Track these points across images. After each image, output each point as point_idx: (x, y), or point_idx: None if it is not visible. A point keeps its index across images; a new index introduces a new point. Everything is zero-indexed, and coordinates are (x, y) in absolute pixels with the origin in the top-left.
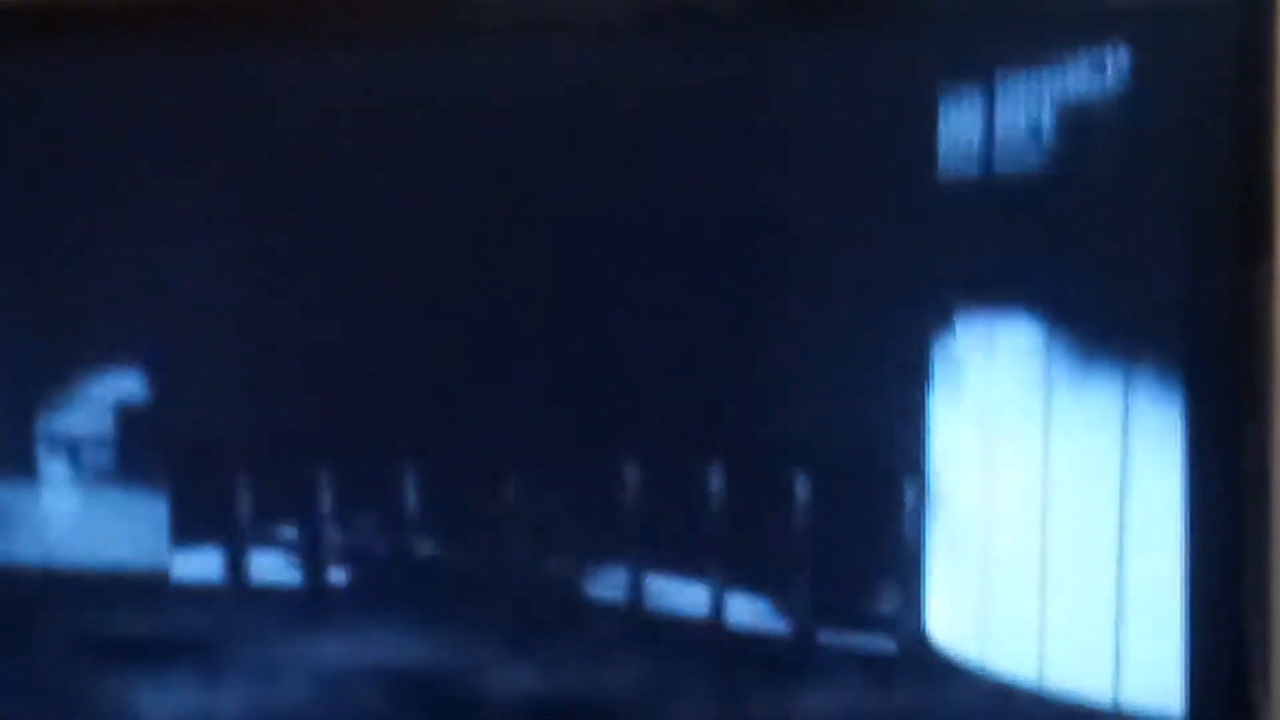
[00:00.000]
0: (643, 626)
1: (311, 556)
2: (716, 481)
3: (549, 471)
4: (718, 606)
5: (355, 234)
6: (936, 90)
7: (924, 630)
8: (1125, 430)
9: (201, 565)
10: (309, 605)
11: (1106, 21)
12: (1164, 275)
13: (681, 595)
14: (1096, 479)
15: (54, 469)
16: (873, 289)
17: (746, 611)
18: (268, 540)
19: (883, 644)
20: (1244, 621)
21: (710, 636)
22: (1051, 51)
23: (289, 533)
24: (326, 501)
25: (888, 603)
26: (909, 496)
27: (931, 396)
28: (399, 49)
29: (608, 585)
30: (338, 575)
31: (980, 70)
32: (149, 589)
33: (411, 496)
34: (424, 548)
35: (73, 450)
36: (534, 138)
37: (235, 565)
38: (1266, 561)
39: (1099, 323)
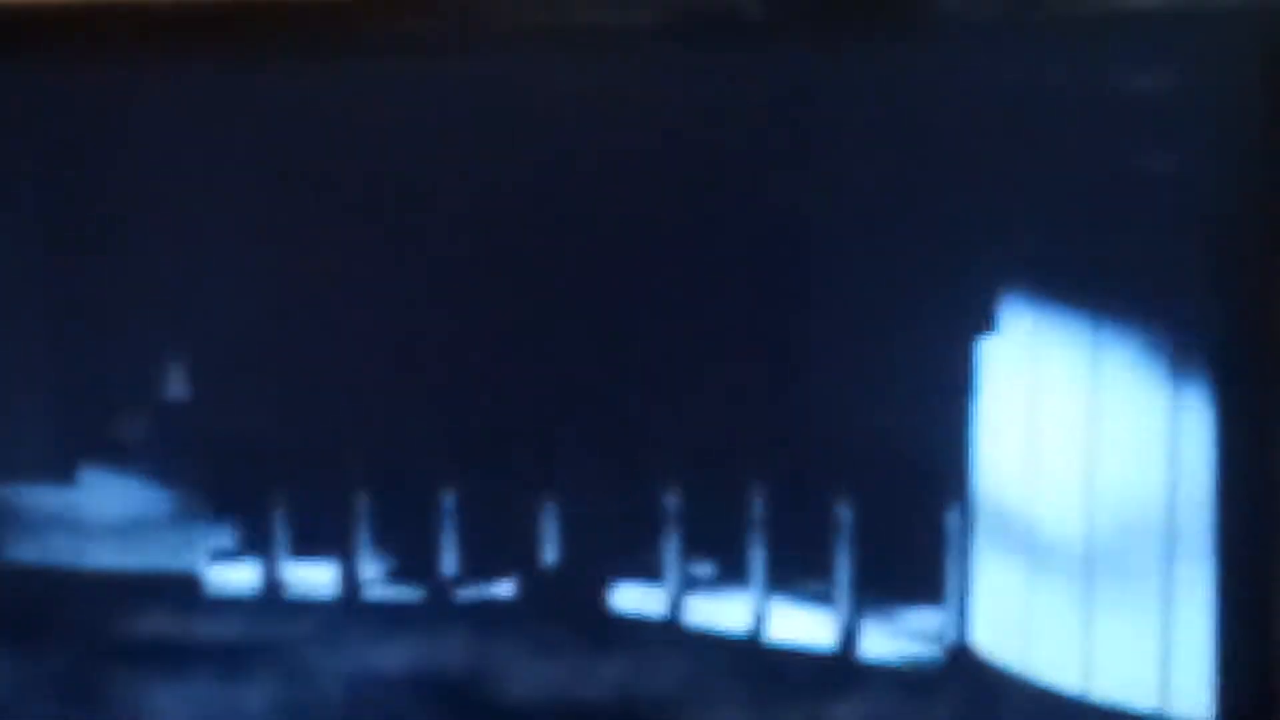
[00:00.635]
0: (681, 638)
1: (345, 565)
2: (755, 488)
3: (586, 482)
4: (758, 616)
5: (390, 246)
6: (967, 91)
7: (959, 634)
8: (1153, 428)
9: (235, 572)
10: (342, 614)
11: (1139, 20)
12: (1197, 271)
13: (720, 605)
14: (1124, 478)
15: (90, 472)
16: (911, 293)
17: (787, 621)
18: (300, 549)
19: (924, 651)
20: (1272, 620)
21: (750, 647)
22: (1083, 50)
23: (322, 542)
24: (362, 512)
25: (929, 610)
26: (952, 502)
27: (975, 402)
28: (425, 54)
29: (645, 596)
30: (372, 586)
31: (1010, 70)
32: (182, 594)
33: (447, 509)
34: (458, 559)
35: (108, 454)
36: (557, 146)
37: (269, 573)
38: None
39: (1135, 323)
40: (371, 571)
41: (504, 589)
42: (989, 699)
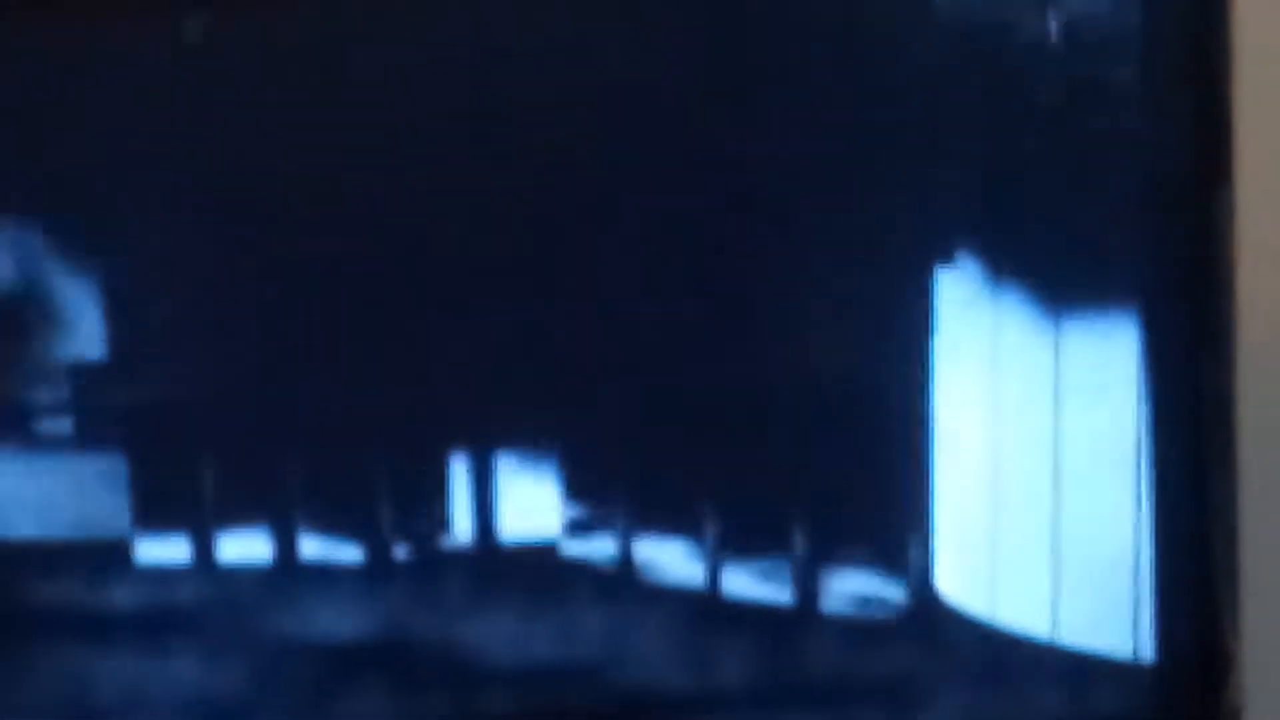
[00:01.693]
0: (630, 590)
1: (280, 530)
2: (705, 430)
3: (525, 437)
4: (711, 566)
5: (325, 198)
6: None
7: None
8: (1085, 368)
9: (164, 540)
10: (275, 580)
11: None
12: (1124, 205)
13: (669, 556)
14: (1046, 417)
15: (7, 436)
16: (868, 226)
17: (738, 570)
18: (234, 514)
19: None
20: (1215, 567)
21: (703, 597)
22: None
23: (257, 506)
24: (296, 474)
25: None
26: (912, 443)
27: (933, 337)
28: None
29: (588, 547)
30: (310, 549)
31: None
32: (108, 563)
33: (381, 470)
34: (396, 521)
35: (27, 417)
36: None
37: (200, 540)
38: (1233, 502)
39: (1062, 259)
40: (307, 533)
41: (449, 546)
42: (954, 645)
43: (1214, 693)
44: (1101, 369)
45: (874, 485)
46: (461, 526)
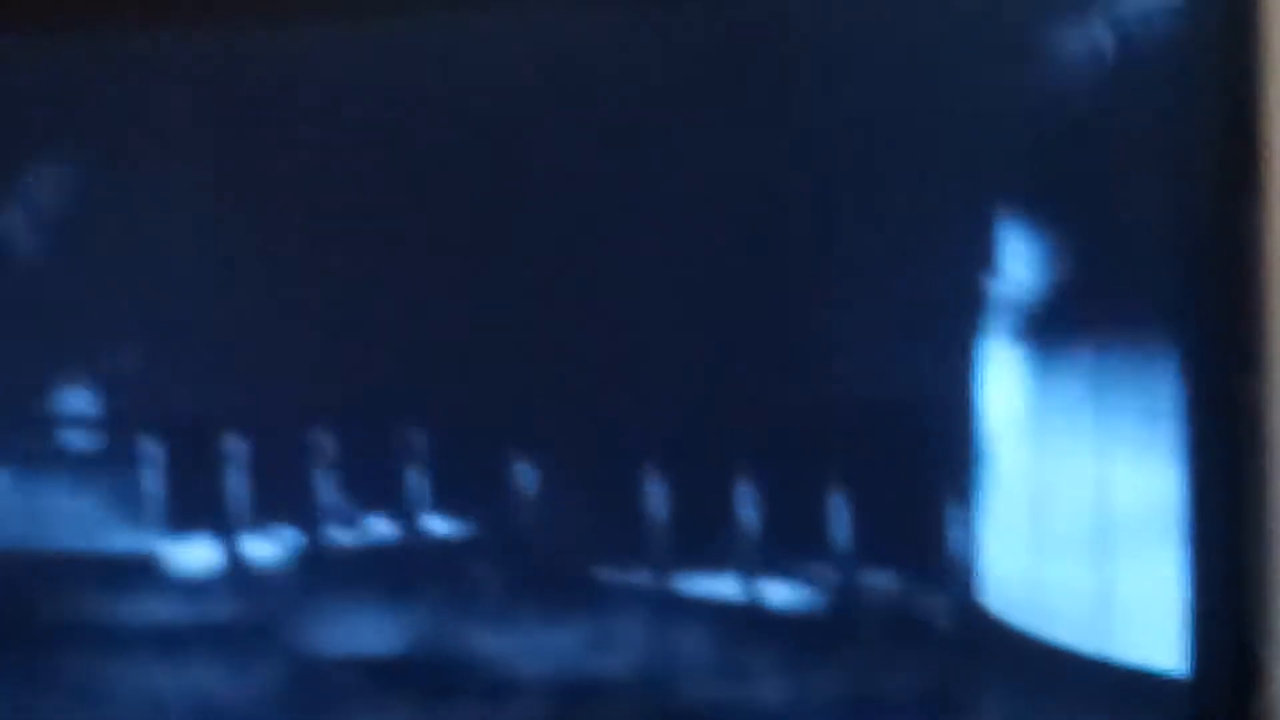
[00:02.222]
0: (674, 604)
1: (310, 538)
2: (753, 441)
3: (562, 442)
4: (756, 578)
5: (353, 203)
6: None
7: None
8: (1123, 385)
9: (194, 548)
10: (306, 587)
11: None
12: (1157, 218)
13: (718, 567)
14: (1083, 436)
15: (41, 449)
16: (910, 250)
17: (785, 585)
18: (263, 520)
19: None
20: (1248, 581)
21: (752, 609)
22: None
23: (286, 513)
24: (326, 482)
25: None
26: (957, 456)
27: (978, 353)
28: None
29: (632, 558)
30: (337, 556)
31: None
32: (139, 573)
33: (416, 477)
34: (430, 528)
35: (59, 429)
36: (532, 90)
37: (229, 547)
38: (1267, 516)
39: (1097, 274)
40: (337, 541)
41: (481, 559)
42: (994, 657)
43: (1246, 705)
44: (1138, 387)
45: (919, 498)
46: (489, 535)
